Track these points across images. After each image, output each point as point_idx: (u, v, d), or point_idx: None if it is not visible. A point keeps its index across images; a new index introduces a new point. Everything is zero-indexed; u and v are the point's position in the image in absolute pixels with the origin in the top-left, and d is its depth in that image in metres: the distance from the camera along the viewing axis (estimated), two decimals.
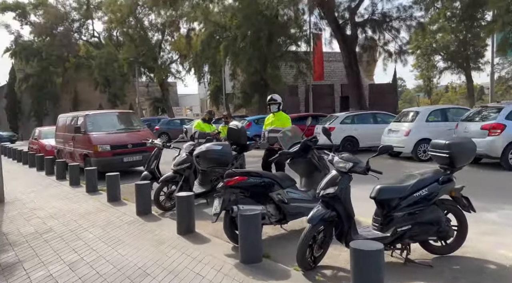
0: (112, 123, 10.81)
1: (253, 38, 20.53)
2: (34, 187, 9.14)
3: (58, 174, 10.07)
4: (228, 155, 4.33)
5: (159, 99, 35.82)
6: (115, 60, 29.90)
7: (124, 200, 7.00)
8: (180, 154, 7.06)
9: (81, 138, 10.32)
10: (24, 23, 34.95)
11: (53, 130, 15.59)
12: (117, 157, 9.77)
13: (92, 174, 8.02)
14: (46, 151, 14.11)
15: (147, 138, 10.22)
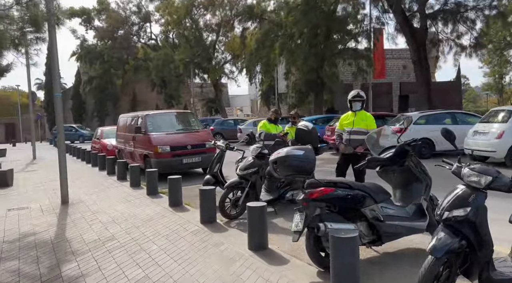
0: (171, 123, 10.61)
1: (310, 35, 19.70)
2: (96, 187, 9.12)
3: (119, 175, 10.04)
4: (312, 161, 3.66)
5: (213, 99, 36.12)
6: (171, 61, 30.52)
7: (186, 205, 6.60)
8: (245, 158, 6.53)
9: (141, 138, 10.21)
10: (89, 28, 36.96)
11: (114, 130, 15.92)
12: (177, 158, 9.50)
13: (153, 176, 7.75)
14: (107, 151, 14.40)
15: (209, 140, 9.89)
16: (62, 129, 7.48)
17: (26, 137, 42.04)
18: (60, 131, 7.42)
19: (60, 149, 7.45)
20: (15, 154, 21.11)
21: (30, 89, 17.52)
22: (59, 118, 7.38)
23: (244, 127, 20.00)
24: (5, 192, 8.98)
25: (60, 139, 7.46)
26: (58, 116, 7.36)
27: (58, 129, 7.42)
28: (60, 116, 7.38)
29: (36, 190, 9.09)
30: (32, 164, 15.32)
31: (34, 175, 11.96)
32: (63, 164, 7.39)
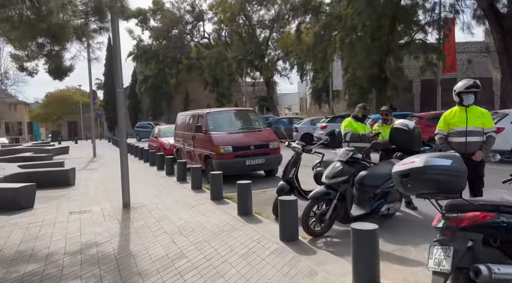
0: (233, 121, 9.93)
1: (374, 26, 18.23)
2: (156, 189, 8.66)
3: (179, 176, 9.54)
4: (463, 175, 2.65)
5: (264, 97, 35.48)
6: (224, 59, 30.27)
7: (257, 214, 5.81)
8: (325, 162, 5.63)
9: (201, 138, 9.64)
10: (145, 28, 37.88)
11: (171, 129, 15.69)
12: (239, 160, 8.79)
13: (217, 179, 7.06)
14: (165, 150, 14.13)
15: (273, 139, 9.07)
16: (125, 127, 7.01)
17: (87, 134, 44.20)
18: (121, 129, 6.96)
19: (122, 150, 6.99)
20: (77, 152, 21.83)
21: (91, 87, 17.87)
22: (121, 115, 6.92)
23: (301, 125, 19.01)
24: (67, 192, 8.80)
25: (122, 138, 7.00)
26: (120, 112, 6.90)
27: (120, 126, 6.96)
28: (122, 112, 6.92)
29: (97, 191, 8.82)
30: (92, 162, 15.51)
31: (94, 174, 11.89)
32: (125, 166, 6.93)
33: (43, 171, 9.69)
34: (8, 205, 7.05)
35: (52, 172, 9.71)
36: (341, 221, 4.76)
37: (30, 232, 5.49)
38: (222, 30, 34.57)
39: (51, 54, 6.56)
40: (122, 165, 6.91)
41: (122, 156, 6.94)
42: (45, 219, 6.26)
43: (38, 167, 11.25)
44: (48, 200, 7.92)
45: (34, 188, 7.45)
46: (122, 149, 6.98)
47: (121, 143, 7.00)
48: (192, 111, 11.54)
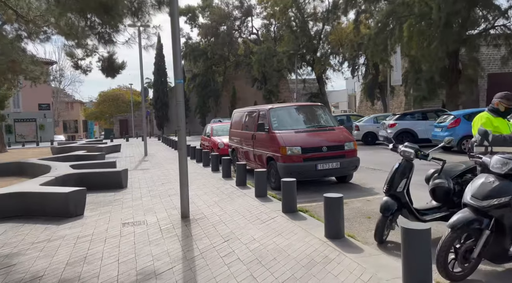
0: (299, 119, 8.69)
1: (449, 11, 16.10)
2: (215, 195, 7.65)
3: (238, 180, 8.48)
4: None
5: (316, 94, 33.85)
6: (274, 54, 29.06)
7: (350, 237, 4.54)
8: (484, 177, 4.17)
9: (263, 137, 8.50)
10: (194, 25, 37.67)
11: (225, 127, 14.78)
12: (310, 163, 7.54)
13: (290, 188, 5.87)
14: (218, 149, 13.24)
15: (349, 139, 7.71)
16: (184, 126, 6.02)
17: (137, 132, 45.13)
18: (181, 128, 5.97)
19: (181, 153, 6.00)
20: (128, 150, 21.71)
21: (143, 82, 17.44)
22: (181, 110, 5.94)
23: (363, 124, 17.35)
24: (120, 196, 8.04)
25: (181, 138, 6.01)
26: (180, 107, 5.92)
27: (180, 123, 5.97)
28: (181, 108, 5.94)
29: (151, 195, 7.98)
30: (144, 161, 14.99)
31: (147, 174, 11.20)
32: (184, 172, 5.95)
33: (94, 173, 9.06)
34: (58, 212, 6.35)
35: (104, 174, 9.05)
36: (492, 259, 3.37)
37: (78, 250, 4.62)
38: (271, 25, 33.41)
39: (103, 38, 5.67)
40: (182, 171, 5.94)
41: (181, 159, 5.96)
42: (96, 231, 5.42)
43: (90, 168, 10.74)
44: (99, 205, 7.18)
45: (84, 193, 6.71)
46: (181, 152, 5.99)
47: (180, 143, 6.01)
48: (251, 108, 10.45)
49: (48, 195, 6.42)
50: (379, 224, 4.25)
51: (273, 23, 34.03)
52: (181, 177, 5.94)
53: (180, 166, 5.96)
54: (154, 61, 46.58)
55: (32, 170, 11.70)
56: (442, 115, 13.76)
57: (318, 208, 6.31)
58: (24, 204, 6.51)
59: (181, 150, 6.00)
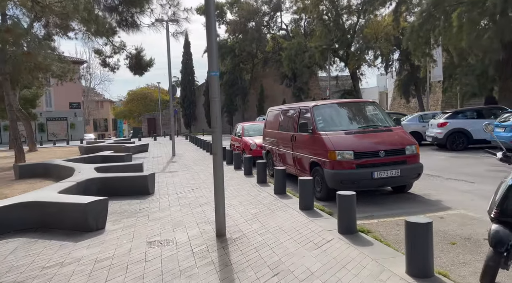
0: (348, 118, 7.55)
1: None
2: (253, 206, 6.67)
3: (277, 188, 7.46)
4: None
5: (349, 91, 32.31)
6: (305, 50, 27.82)
7: (442, 276, 3.43)
8: None
9: (306, 139, 7.44)
10: (221, 22, 36.94)
11: (257, 127, 13.81)
12: (364, 171, 6.41)
13: (349, 204, 4.78)
14: (250, 151, 12.29)
15: (411, 143, 6.55)
16: (220, 125, 5.07)
17: (165, 131, 45.03)
18: (216, 128, 5.01)
19: (217, 158, 5.03)
20: (156, 149, 21.17)
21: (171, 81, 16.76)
22: (215, 107, 4.99)
23: (407, 122, 15.89)
24: (145, 205, 7.21)
25: (216, 141, 5.05)
26: (214, 102, 4.98)
27: (215, 123, 5.02)
28: (216, 104, 5.00)
29: (180, 205, 7.10)
30: (172, 162, 14.25)
31: (175, 178, 10.38)
32: (220, 182, 4.98)
33: (119, 177, 8.30)
34: (76, 225, 5.57)
35: (129, 178, 8.27)
36: None
37: (94, 281, 3.75)
38: (301, 20, 32.15)
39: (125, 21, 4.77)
40: (217, 181, 4.98)
41: (217, 167, 4.99)
42: (117, 253, 4.55)
43: (115, 170, 10.04)
44: (123, 216, 6.35)
45: (106, 203, 5.89)
46: (216, 157, 5.02)
47: (215, 146, 5.04)
48: (289, 105, 9.39)
49: (65, 206, 5.64)
50: (490, 263, 3.11)
51: (303, 18, 32.76)
52: (216, 189, 4.99)
53: (215, 175, 5.01)
54: (182, 60, 46.32)
55: (56, 172, 11.17)
56: (503, 113, 12.19)
57: (381, 228, 5.20)
58: (40, 215, 5.78)
59: (216, 155, 5.03)
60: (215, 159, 5.03)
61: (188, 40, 46.01)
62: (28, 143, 23.19)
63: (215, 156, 5.03)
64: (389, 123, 7.34)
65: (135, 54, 20.56)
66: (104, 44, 19.70)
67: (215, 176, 4.97)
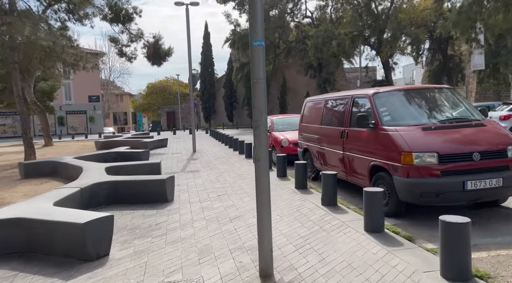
0: (423, 108, 5.85)
1: None
2: (299, 223, 5.14)
3: (327, 198, 5.91)
4: None
5: (380, 81, 30.19)
6: (333, 38, 25.90)
7: None
8: None
9: (366, 136, 5.82)
10: (242, 11, 35.30)
11: (289, 120, 12.25)
12: (453, 180, 4.75)
13: (461, 236, 3.19)
14: (281, 148, 10.76)
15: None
16: (266, 117, 3.54)
17: (184, 124, 43.98)
18: (261, 121, 3.48)
19: (260, 167, 3.50)
20: (175, 144, 19.90)
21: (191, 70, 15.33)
22: (261, 91, 3.46)
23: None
24: (163, 217, 5.79)
25: (261, 142, 3.51)
26: (258, 84, 3.44)
27: (258, 114, 3.48)
28: (262, 86, 3.47)
29: (205, 218, 5.64)
30: (193, 160, 12.87)
31: (197, 180, 8.95)
32: (265, 207, 3.48)
33: (133, 181, 6.91)
34: (71, 251, 4.20)
35: (144, 183, 6.87)
36: None
37: None
38: (327, 7, 30.15)
39: None
40: (261, 203, 3.47)
41: (261, 181, 3.47)
42: None
43: (128, 171, 8.72)
44: (134, 236, 4.94)
45: (111, 222, 4.48)
46: (260, 165, 3.49)
47: (260, 150, 3.50)
48: (337, 94, 7.75)
49: (57, 225, 4.25)
50: None
51: (329, 4, 30.74)
52: (261, 214, 3.47)
53: (259, 193, 3.49)
54: (201, 51, 44.98)
55: (64, 171, 9.96)
56: None
57: (500, 269, 3.57)
58: (26, 235, 4.43)
59: (259, 161, 3.50)
60: (258, 169, 3.50)
61: (208, 30, 44.59)
62: (44, 137, 22.35)
63: (259, 164, 3.50)
64: (477, 115, 5.63)
65: (153, 42, 19.24)
66: (121, 32, 18.47)
67: (259, 195, 3.46)
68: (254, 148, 3.56)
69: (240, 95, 42.50)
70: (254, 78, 3.50)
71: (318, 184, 7.98)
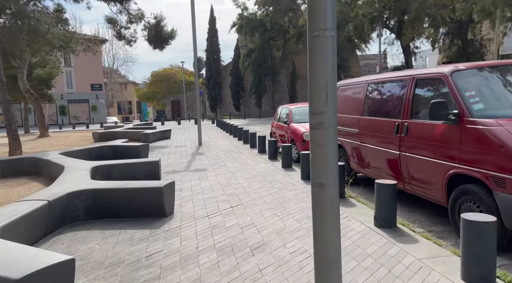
0: None
1: None
2: (353, 255, 3.51)
3: (381, 217, 4.26)
4: None
5: (399, 67, 28.21)
6: (349, 20, 23.92)
7: None
8: None
9: (441, 132, 4.13)
10: None
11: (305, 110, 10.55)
12: None
13: None
14: (302, 143, 9.11)
15: None
16: (333, 94, 2.38)
17: (189, 114, 42.36)
18: (327, 108, 1.81)
19: (326, 197, 1.84)
20: (180, 135, 18.30)
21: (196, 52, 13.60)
22: (324, 49, 1.81)
23: None
24: (158, 244, 4.19)
25: (325, 148, 1.84)
26: (322, 40, 1.81)
27: (319, 104, 1.80)
28: (328, 41, 1.77)
29: (216, 247, 4.03)
30: (198, 155, 11.26)
31: (204, 182, 7.34)
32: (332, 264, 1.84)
33: (122, 189, 5.31)
34: None
35: (136, 192, 5.28)
36: None
37: None
38: None
39: None
40: (323, 256, 1.96)
41: (325, 221, 1.81)
42: None
43: (122, 170, 7.16)
44: (112, 278, 3.34)
45: (71, 269, 2.87)
46: (325, 198, 1.83)
47: (321, 169, 1.85)
48: (386, 75, 5.97)
49: None
50: None
51: None
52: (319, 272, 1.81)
53: (320, 243, 1.84)
54: (207, 37, 43.06)
55: (47, 169, 8.43)
56: None
57: None
58: None
59: (323, 188, 1.84)
60: (321, 201, 1.85)
61: (213, 15, 42.58)
62: (39, 127, 20.88)
63: (322, 192, 1.84)
64: None
65: (154, 23, 17.52)
66: (119, 12, 16.76)
67: (321, 251, 1.80)
68: (312, 162, 1.90)
69: (248, 83, 40.70)
70: (314, 30, 1.82)
71: (359, 191, 6.32)
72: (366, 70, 39.67)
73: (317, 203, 1.90)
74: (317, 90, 1.83)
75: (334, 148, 1.87)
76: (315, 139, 1.89)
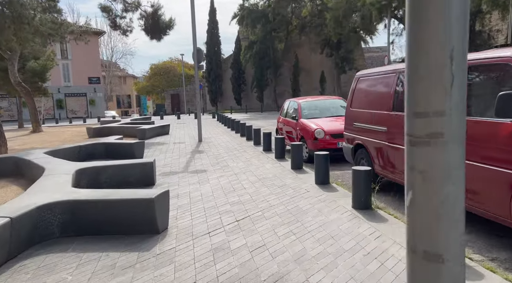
0: None
1: None
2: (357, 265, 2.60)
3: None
4: None
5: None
6: (355, 10, 22.84)
7: None
8: None
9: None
10: None
11: (320, 104, 9.66)
12: None
13: None
14: (314, 141, 8.19)
15: None
16: None
17: (189, 108, 41.39)
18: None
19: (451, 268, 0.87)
20: (179, 131, 17.39)
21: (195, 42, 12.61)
22: None
23: None
24: (146, 274, 3.29)
25: (455, 203, 0.92)
26: None
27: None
28: None
29: (218, 278, 3.14)
30: (198, 153, 10.35)
31: (204, 187, 6.44)
32: None
33: (106, 201, 4.40)
34: None
35: (123, 204, 4.37)
36: None
37: None
38: None
39: None
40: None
41: None
42: None
43: (113, 173, 6.26)
44: None
45: None
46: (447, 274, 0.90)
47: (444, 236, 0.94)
48: None
49: None
50: None
51: None
52: None
53: None
54: (207, 29, 41.93)
55: (28, 170, 7.54)
56: None
57: None
58: None
59: (437, 262, 0.93)
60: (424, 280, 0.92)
61: (214, 6, 41.41)
62: (31, 122, 19.96)
63: (428, 265, 0.94)
64: None
65: (151, 12, 16.53)
66: (113, 0, 15.76)
67: None
68: (411, 208, 0.98)
69: (249, 76, 39.67)
70: None
71: (387, 201, 5.41)
72: (369, 64, 38.58)
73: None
74: (429, 70, 0.92)
75: (461, 186, 0.97)
76: (418, 165, 0.98)
